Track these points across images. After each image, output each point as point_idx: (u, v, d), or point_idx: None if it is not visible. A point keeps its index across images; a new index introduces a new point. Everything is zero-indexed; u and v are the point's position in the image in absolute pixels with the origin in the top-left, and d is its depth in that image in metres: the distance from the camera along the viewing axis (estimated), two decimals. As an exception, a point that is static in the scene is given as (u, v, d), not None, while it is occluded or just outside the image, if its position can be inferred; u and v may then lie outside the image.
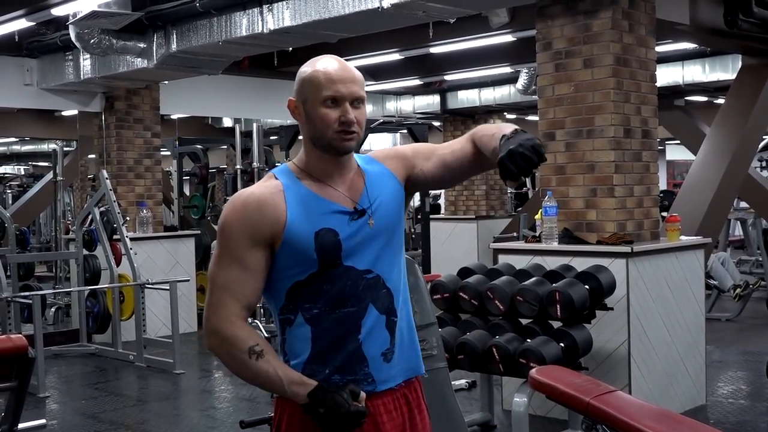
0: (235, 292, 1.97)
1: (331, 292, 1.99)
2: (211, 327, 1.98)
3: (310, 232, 1.96)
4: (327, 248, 1.97)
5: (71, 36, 7.17)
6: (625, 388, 5.07)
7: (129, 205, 9.15)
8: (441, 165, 2.13)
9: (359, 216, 2.01)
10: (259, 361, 1.94)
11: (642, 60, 5.57)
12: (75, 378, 7.41)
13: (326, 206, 2.00)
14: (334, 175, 2.03)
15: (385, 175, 2.11)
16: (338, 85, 1.97)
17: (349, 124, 1.97)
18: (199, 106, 10.84)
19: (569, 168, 5.58)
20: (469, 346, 4.74)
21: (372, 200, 2.04)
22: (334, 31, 6.59)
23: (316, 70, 2.00)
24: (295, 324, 2.01)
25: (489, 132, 2.04)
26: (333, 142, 1.98)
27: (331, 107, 1.97)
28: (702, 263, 5.93)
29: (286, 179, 2.03)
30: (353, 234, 1.99)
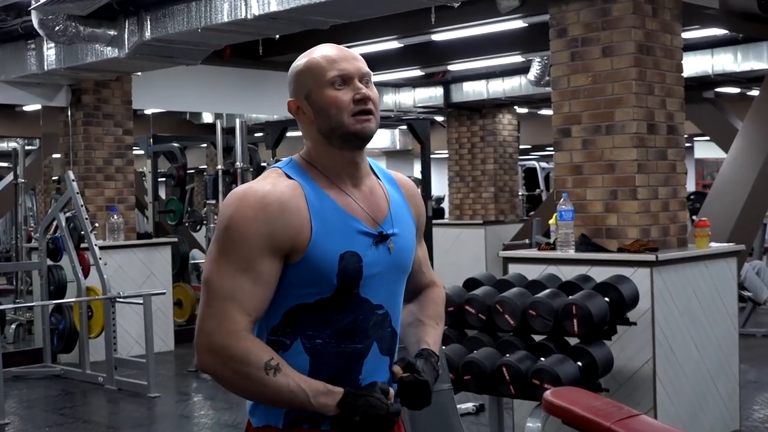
0: (244, 304, 1.88)
1: (342, 323, 1.95)
2: (214, 343, 1.87)
3: (335, 252, 1.91)
4: (350, 274, 1.92)
5: (33, 22, 7.17)
6: (650, 411, 5.07)
7: (98, 210, 9.15)
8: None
9: (382, 241, 1.99)
10: (277, 377, 1.86)
11: (667, 48, 5.58)
12: (38, 402, 7.40)
13: (351, 224, 1.96)
14: (347, 180, 2.00)
15: (406, 209, 2.12)
16: (342, 63, 1.96)
17: (365, 100, 1.94)
18: (175, 100, 10.83)
19: (587, 168, 5.58)
20: (476, 365, 4.74)
21: (395, 227, 2.04)
22: (326, 17, 6.59)
23: (312, 57, 1.99)
24: (291, 350, 1.95)
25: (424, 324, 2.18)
26: (351, 128, 1.94)
27: (341, 88, 1.95)
28: (734, 273, 5.93)
29: (301, 179, 1.97)
30: (375, 262, 1.97)
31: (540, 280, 5.13)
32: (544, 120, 15.46)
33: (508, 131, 13.09)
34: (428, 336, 2.14)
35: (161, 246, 9.52)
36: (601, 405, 3.63)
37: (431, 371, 2.04)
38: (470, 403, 6.33)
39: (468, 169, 13.00)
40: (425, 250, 2.29)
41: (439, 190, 18.18)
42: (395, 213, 2.05)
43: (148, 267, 9.21)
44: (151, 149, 10.95)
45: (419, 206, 2.19)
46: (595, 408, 3.54)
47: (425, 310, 2.21)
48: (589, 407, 3.55)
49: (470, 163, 12.98)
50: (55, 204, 8.37)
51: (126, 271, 8.93)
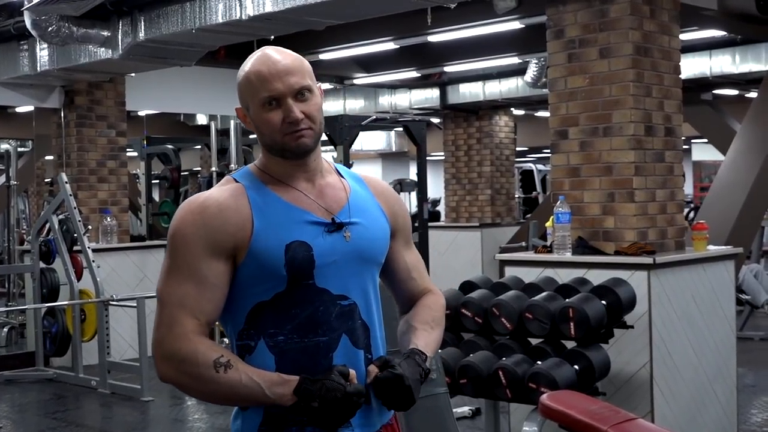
0: (192, 309, 1.91)
1: (301, 316, 1.95)
2: (165, 350, 1.90)
3: (280, 243, 1.93)
4: (298, 264, 1.93)
5: (26, 23, 7.17)
6: (647, 415, 5.07)
7: (91, 213, 9.14)
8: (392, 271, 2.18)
9: (336, 229, 1.99)
10: (228, 373, 1.87)
11: (665, 49, 5.60)
12: (30, 406, 7.39)
13: (297, 215, 1.97)
14: (301, 180, 2.02)
15: (372, 204, 2.11)
16: (273, 83, 1.95)
17: (296, 122, 1.95)
18: (169, 101, 10.84)
19: (584, 170, 5.59)
20: (472, 369, 4.74)
21: (353, 217, 2.03)
22: (321, 18, 6.60)
23: (247, 72, 1.99)
24: (255, 352, 1.96)
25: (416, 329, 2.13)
26: (286, 146, 1.97)
27: (273, 109, 1.96)
28: (732, 276, 5.94)
29: (247, 181, 2.01)
30: (328, 250, 1.96)
31: (537, 283, 5.14)
32: (541, 122, 15.46)
33: (504, 133, 13.09)
34: (419, 338, 2.10)
35: (155, 249, 9.51)
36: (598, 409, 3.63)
37: (413, 367, 1.98)
38: (466, 407, 6.33)
39: (464, 172, 13.00)
40: (415, 257, 2.24)
41: (435, 192, 18.17)
42: (355, 204, 2.05)
43: (141, 270, 9.20)
44: (144, 151, 10.94)
45: (395, 207, 2.17)
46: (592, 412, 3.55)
47: (418, 315, 2.18)
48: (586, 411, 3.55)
49: (466, 165, 12.99)
50: (48, 206, 8.37)
51: (119, 274, 8.93)
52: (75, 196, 8.31)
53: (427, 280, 2.27)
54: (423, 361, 2.03)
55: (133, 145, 10.94)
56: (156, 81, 9.92)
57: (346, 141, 8.96)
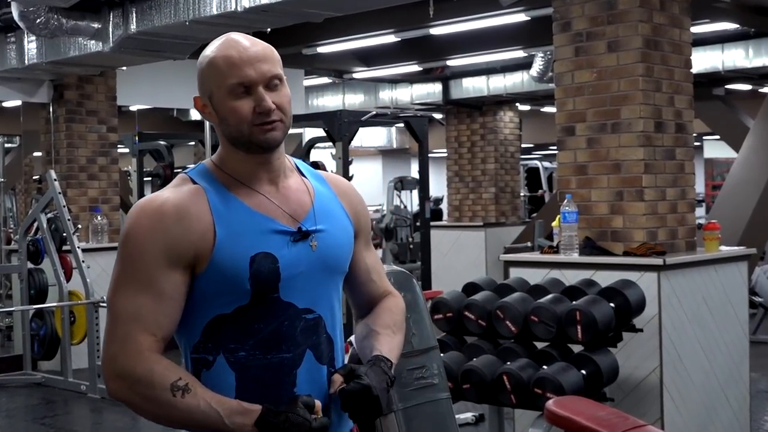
0: (147, 323, 1.82)
1: (264, 331, 1.89)
2: (117, 368, 1.81)
3: (244, 255, 1.85)
4: (264, 277, 1.86)
5: (14, 14, 7.16)
6: (657, 422, 5.07)
7: (81, 211, 9.14)
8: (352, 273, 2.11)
9: (302, 238, 1.93)
10: (186, 398, 1.79)
11: (675, 42, 5.59)
12: (18, 412, 7.39)
13: (262, 223, 1.89)
14: (263, 180, 1.94)
15: (336, 205, 2.05)
16: (244, 69, 1.87)
17: (267, 113, 1.87)
18: (162, 96, 10.83)
19: (591, 167, 5.59)
20: (475, 373, 4.74)
21: (318, 223, 1.96)
22: (320, 9, 6.60)
23: (214, 57, 1.91)
24: (214, 367, 1.89)
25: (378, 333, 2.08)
26: (253, 138, 1.88)
27: (242, 96, 1.88)
28: (745, 277, 5.94)
29: (206, 183, 1.91)
30: (294, 261, 1.90)
31: (542, 285, 5.14)
32: (547, 118, 15.48)
33: (509, 129, 13.10)
34: (382, 344, 2.04)
35: (147, 248, 9.49)
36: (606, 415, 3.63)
37: (380, 375, 1.93)
38: (469, 413, 6.33)
39: (468, 169, 13.00)
40: (374, 257, 2.19)
41: (437, 190, 18.18)
42: (320, 209, 1.98)
43: (133, 270, 9.19)
44: (136, 147, 10.91)
45: (357, 206, 2.11)
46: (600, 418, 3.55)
47: (379, 319, 2.12)
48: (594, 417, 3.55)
49: (470, 162, 12.99)
50: (36, 204, 8.37)
51: (110, 275, 8.86)
52: (64, 193, 8.31)
53: (386, 282, 2.21)
54: (389, 368, 1.98)
55: (124, 141, 10.92)
56: (148, 75, 9.92)
57: (345, 137, 8.96)
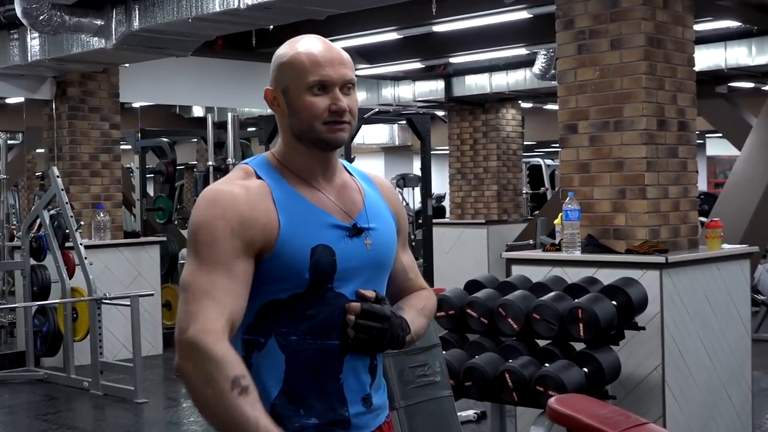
0: (220, 301, 1.86)
1: (317, 318, 1.97)
2: (189, 338, 1.82)
3: (306, 247, 1.95)
4: (322, 268, 1.95)
5: (17, 11, 7.17)
6: (659, 420, 5.07)
7: (84, 208, 9.15)
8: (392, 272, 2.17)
9: (356, 234, 2.03)
10: (240, 399, 1.78)
11: (678, 40, 5.58)
12: (20, 408, 7.40)
13: (321, 218, 1.99)
14: (320, 176, 2.04)
15: (383, 206, 2.15)
16: (326, 69, 1.97)
17: (341, 113, 1.97)
18: (165, 93, 10.84)
19: (594, 165, 5.59)
20: (477, 371, 4.74)
21: (371, 222, 2.06)
22: (322, 6, 6.60)
23: (297, 52, 1.99)
24: (266, 349, 1.96)
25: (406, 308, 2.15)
26: (323, 135, 1.98)
27: (319, 94, 1.97)
28: (747, 275, 5.94)
29: (268, 176, 2.00)
30: (349, 255, 2.00)
31: (544, 283, 5.13)
32: (550, 115, 15.45)
33: (511, 127, 13.09)
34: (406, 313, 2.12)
35: (149, 245, 9.52)
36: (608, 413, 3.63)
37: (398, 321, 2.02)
38: (471, 411, 6.33)
39: (470, 166, 13.00)
40: (411, 258, 2.30)
41: (439, 187, 18.18)
42: (371, 208, 2.09)
43: (135, 267, 9.21)
44: (139, 144, 10.94)
45: (398, 208, 2.22)
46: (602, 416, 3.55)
47: (410, 301, 2.21)
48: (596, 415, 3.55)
49: (472, 159, 12.99)
50: (39, 201, 8.37)
51: (113, 272, 8.93)
52: (67, 190, 8.31)
53: (422, 281, 2.30)
54: (406, 328, 2.06)
55: (126, 138, 10.96)
56: (151, 72, 9.92)
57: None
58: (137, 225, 10.78)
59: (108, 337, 8.32)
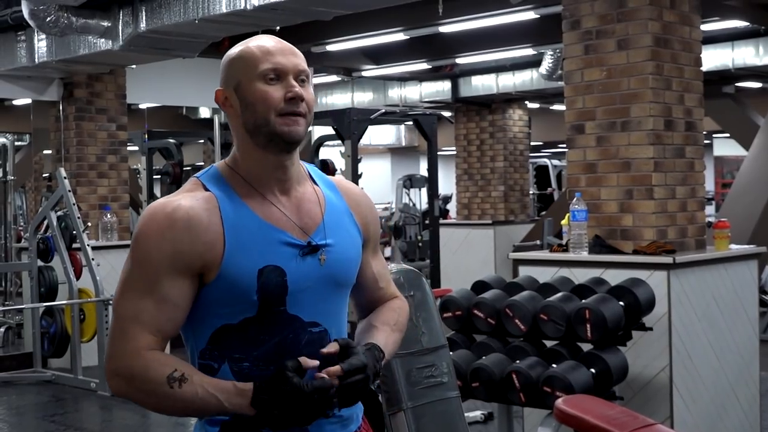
0: (148, 325, 1.85)
1: (269, 343, 1.90)
2: (114, 367, 1.85)
3: (252, 268, 1.86)
4: (271, 290, 1.87)
5: (24, 13, 7.19)
6: (667, 421, 5.06)
7: (91, 209, 9.16)
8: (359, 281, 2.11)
9: (310, 252, 1.93)
10: (183, 387, 1.81)
11: (685, 41, 5.58)
12: (28, 409, 7.42)
13: (272, 235, 1.90)
14: (275, 187, 1.95)
15: (347, 217, 2.05)
16: (278, 57, 1.91)
17: (296, 100, 1.89)
18: (171, 94, 10.86)
19: (601, 166, 5.58)
20: (485, 372, 4.74)
21: (328, 237, 1.97)
22: (329, 7, 6.60)
23: (247, 47, 1.94)
24: (218, 375, 1.91)
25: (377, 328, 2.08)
26: (277, 128, 1.89)
27: (272, 83, 1.90)
28: (755, 276, 5.93)
29: (219, 189, 1.92)
30: (302, 275, 1.91)
31: (552, 283, 5.13)
32: (557, 116, 15.47)
33: (518, 127, 13.08)
34: (378, 337, 2.04)
35: (156, 246, 9.50)
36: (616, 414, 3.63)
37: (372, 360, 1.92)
38: (479, 412, 6.33)
39: (477, 167, 12.99)
40: (382, 264, 2.20)
41: (446, 188, 18.18)
42: (330, 222, 1.99)
43: (142, 268, 9.20)
44: (145, 145, 10.94)
45: (368, 216, 2.11)
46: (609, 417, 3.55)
47: (380, 316, 2.13)
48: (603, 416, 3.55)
49: (479, 160, 12.98)
50: (46, 202, 8.39)
51: (119, 273, 8.91)
52: (74, 191, 8.33)
53: (393, 288, 2.22)
54: (380, 358, 1.98)
55: (133, 140, 10.96)
56: (157, 73, 9.93)
57: (355, 135, 8.96)
58: (144, 226, 10.77)
59: (115, 338, 8.31)
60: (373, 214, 2.15)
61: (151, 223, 1.87)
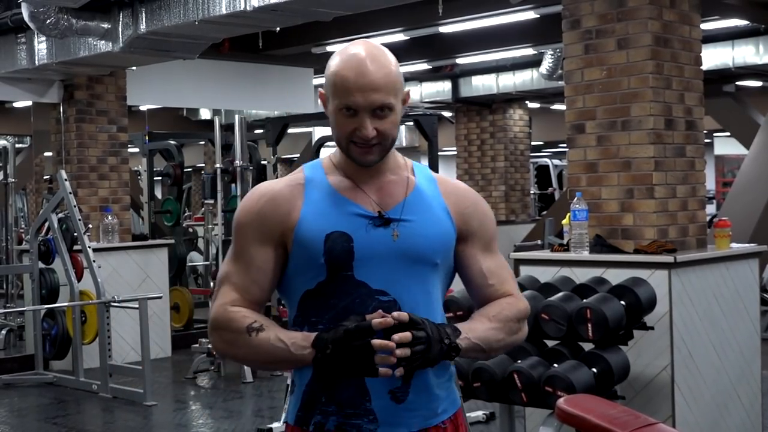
0: (235, 284, 2.09)
1: (338, 307, 2.03)
2: (210, 322, 2.10)
3: (320, 233, 2.03)
4: (336, 254, 2.02)
5: (24, 15, 7.19)
6: (668, 420, 5.06)
7: (92, 211, 9.16)
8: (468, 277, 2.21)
9: (382, 224, 2.06)
10: (259, 335, 2.02)
11: (685, 40, 5.58)
12: (30, 411, 7.42)
13: (345, 207, 2.06)
14: (365, 176, 2.10)
15: (436, 202, 2.14)
16: (355, 95, 2.00)
17: (364, 139, 2.02)
18: (172, 95, 10.85)
19: (602, 165, 5.58)
20: (486, 372, 4.74)
21: (405, 215, 2.08)
22: (329, 8, 6.60)
23: (334, 72, 2.03)
24: None
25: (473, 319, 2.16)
26: (351, 153, 2.06)
27: (348, 116, 2.02)
28: (756, 275, 5.92)
29: (312, 173, 2.13)
30: (371, 244, 2.04)
31: (553, 283, 5.13)
32: (557, 115, 15.46)
33: (519, 127, 13.08)
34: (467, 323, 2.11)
35: (157, 248, 9.52)
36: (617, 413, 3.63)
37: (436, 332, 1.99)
38: (480, 412, 6.33)
39: (477, 167, 13.00)
40: (496, 262, 2.24)
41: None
42: (412, 202, 2.10)
43: (143, 270, 9.22)
44: (146, 147, 10.96)
45: (467, 209, 2.19)
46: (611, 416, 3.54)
47: (483, 309, 2.18)
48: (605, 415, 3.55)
49: (480, 160, 12.98)
50: (47, 204, 8.39)
51: (121, 274, 8.95)
52: (75, 193, 8.33)
53: (510, 287, 2.23)
54: (452, 334, 2.03)
55: (134, 141, 10.98)
56: (158, 75, 9.93)
57: (355, 136, 8.95)
58: (145, 228, 10.80)
59: (116, 340, 8.33)
60: (475, 209, 2.23)
61: (246, 200, 2.14)
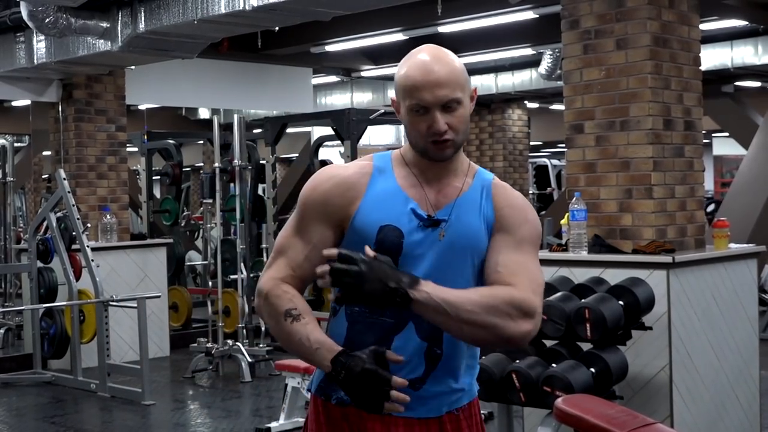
0: (290, 259, 2.19)
1: None
2: (260, 286, 2.21)
3: (376, 223, 2.14)
4: (387, 246, 2.12)
5: (23, 14, 7.19)
6: (667, 420, 5.07)
7: (90, 210, 9.16)
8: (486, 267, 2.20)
9: (431, 225, 2.16)
10: (293, 324, 2.12)
11: (684, 40, 5.58)
12: (28, 410, 7.41)
13: (404, 203, 2.17)
14: (430, 174, 2.20)
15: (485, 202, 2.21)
16: (422, 93, 2.11)
17: (438, 134, 2.12)
18: (171, 95, 10.85)
19: (600, 165, 5.58)
20: (485, 372, 4.74)
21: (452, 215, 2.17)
22: (328, 8, 6.60)
23: (401, 75, 2.16)
24: (337, 316, 2.22)
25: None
26: (428, 151, 2.16)
27: (420, 115, 2.13)
28: (755, 275, 5.93)
29: (381, 163, 2.24)
30: (419, 241, 2.14)
31: (551, 283, 5.13)
32: (556, 115, 15.46)
33: (518, 127, 13.09)
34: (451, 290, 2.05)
35: (156, 247, 9.52)
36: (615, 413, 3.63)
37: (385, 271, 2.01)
38: (478, 412, 6.32)
39: (476, 167, 12.99)
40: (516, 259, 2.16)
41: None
42: (462, 204, 2.19)
43: (142, 269, 9.22)
44: (145, 146, 10.96)
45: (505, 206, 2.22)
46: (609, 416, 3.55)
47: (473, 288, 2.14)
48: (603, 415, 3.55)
49: (478, 160, 12.99)
50: (46, 203, 8.39)
51: (119, 274, 8.94)
52: (73, 193, 8.33)
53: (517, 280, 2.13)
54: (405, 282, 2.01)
55: (133, 141, 10.97)
56: (157, 74, 9.94)
57: (354, 135, 8.96)
58: (144, 227, 10.80)
59: (115, 339, 8.33)
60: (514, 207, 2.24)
61: (314, 179, 2.24)
